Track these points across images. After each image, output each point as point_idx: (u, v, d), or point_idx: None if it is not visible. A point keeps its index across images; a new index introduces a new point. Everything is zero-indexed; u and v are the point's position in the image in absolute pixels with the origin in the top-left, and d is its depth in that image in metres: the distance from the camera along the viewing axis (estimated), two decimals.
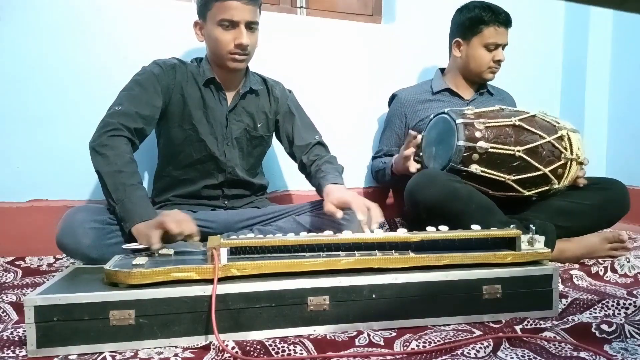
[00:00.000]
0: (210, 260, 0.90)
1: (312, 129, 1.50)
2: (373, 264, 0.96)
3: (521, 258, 1.02)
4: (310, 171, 1.41)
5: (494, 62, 1.69)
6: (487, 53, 1.68)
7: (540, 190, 1.43)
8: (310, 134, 1.47)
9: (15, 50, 1.51)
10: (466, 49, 1.70)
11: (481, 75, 1.72)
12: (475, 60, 1.70)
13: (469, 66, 1.72)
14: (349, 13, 2.01)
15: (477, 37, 1.67)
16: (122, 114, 1.22)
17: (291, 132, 1.47)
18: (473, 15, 1.67)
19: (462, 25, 1.70)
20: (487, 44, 1.67)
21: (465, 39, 1.70)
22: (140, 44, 1.62)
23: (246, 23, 1.28)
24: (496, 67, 1.71)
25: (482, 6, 1.67)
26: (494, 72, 1.73)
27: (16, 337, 0.87)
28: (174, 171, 1.40)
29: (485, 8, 1.66)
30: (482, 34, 1.66)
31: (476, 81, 1.77)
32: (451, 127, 1.39)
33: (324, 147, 1.47)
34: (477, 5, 1.68)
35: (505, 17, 1.66)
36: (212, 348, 0.84)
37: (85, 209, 1.19)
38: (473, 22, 1.67)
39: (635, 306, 1.00)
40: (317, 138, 1.46)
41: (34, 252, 1.50)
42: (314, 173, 1.39)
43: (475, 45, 1.68)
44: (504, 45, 1.69)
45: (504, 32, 1.67)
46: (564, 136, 1.42)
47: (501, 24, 1.65)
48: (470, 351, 0.83)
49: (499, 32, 1.66)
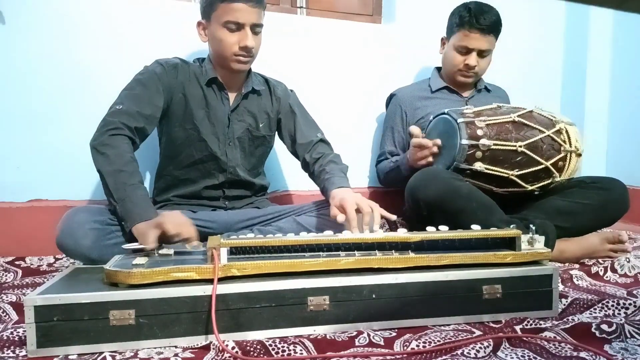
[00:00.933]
0: (211, 260, 0.90)
1: (314, 126, 1.49)
2: (373, 264, 0.96)
3: (521, 258, 1.02)
4: (313, 170, 1.40)
5: (465, 66, 1.64)
6: (457, 55, 1.64)
7: (543, 184, 1.44)
8: (312, 132, 1.46)
9: (15, 50, 1.51)
10: (445, 48, 1.71)
11: (453, 77, 1.70)
12: (446, 60, 1.70)
13: (444, 64, 1.73)
14: (348, 13, 2.01)
15: (453, 38, 1.66)
16: (123, 113, 1.22)
17: (293, 130, 1.47)
18: (455, 14, 1.65)
19: (448, 23, 1.70)
20: (457, 46, 1.63)
21: (447, 38, 1.71)
22: (142, 44, 1.62)
23: (251, 25, 1.29)
24: (466, 72, 1.65)
25: (467, 7, 1.61)
26: (465, 77, 1.67)
27: (16, 337, 0.87)
28: (175, 171, 1.40)
29: (468, 9, 1.59)
30: (455, 35, 1.64)
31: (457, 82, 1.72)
32: (453, 126, 1.40)
33: (327, 145, 1.46)
34: (467, 5, 1.62)
35: (484, 23, 1.57)
36: (212, 348, 0.84)
37: (85, 210, 1.19)
38: (452, 22, 1.66)
39: (635, 306, 1.00)
40: (320, 135, 1.46)
41: (34, 252, 1.50)
42: (317, 173, 1.37)
43: (449, 45, 1.68)
44: (480, 50, 1.61)
45: (479, 37, 1.59)
46: (562, 129, 1.44)
47: (475, 29, 1.57)
48: (470, 351, 0.83)
49: (472, 37, 1.59)
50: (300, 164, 1.47)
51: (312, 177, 1.43)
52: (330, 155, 1.41)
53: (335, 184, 1.28)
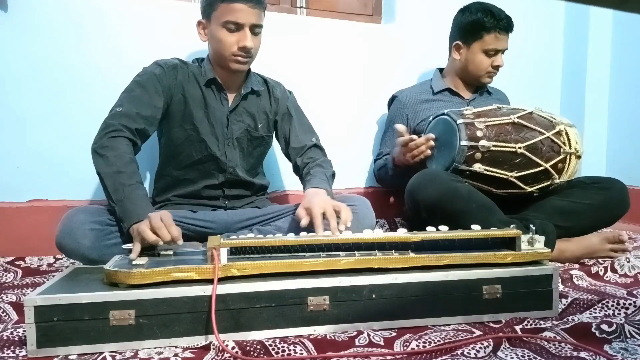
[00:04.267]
0: (210, 260, 0.90)
1: (309, 131, 1.50)
2: (373, 264, 0.96)
3: (521, 258, 1.02)
4: (302, 174, 1.42)
5: (493, 67, 1.69)
6: (486, 58, 1.68)
7: (542, 185, 1.44)
8: (307, 136, 1.47)
9: (15, 51, 1.51)
10: (466, 53, 1.70)
11: (479, 80, 1.73)
12: (474, 65, 1.70)
13: (467, 69, 1.72)
14: (349, 13, 2.01)
15: (478, 43, 1.66)
16: (123, 115, 1.22)
17: (288, 133, 1.47)
18: (475, 20, 1.65)
19: (464, 29, 1.69)
20: (487, 49, 1.66)
21: (466, 43, 1.69)
22: (141, 44, 1.62)
23: (251, 26, 1.29)
24: (494, 72, 1.72)
25: (484, 10, 1.65)
26: (492, 77, 1.73)
27: (16, 337, 0.87)
28: (174, 171, 1.40)
29: (487, 13, 1.64)
30: (483, 39, 1.65)
31: (473, 84, 1.78)
32: (452, 127, 1.40)
33: (320, 150, 1.47)
34: (479, 9, 1.66)
35: (506, 23, 1.64)
36: (212, 348, 0.84)
37: (85, 210, 1.19)
38: (474, 27, 1.66)
39: (635, 306, 1.00)
40: (314, 140, 1.47)
41: (34, 252, 1.50)
42: (304, 176, 1.39)
43: (476, 50, 1.68)
44: (503, 50, 1.69)
45: (505, 38, 1.66)
46: (562, 131, 1.44)
47: (502, 30, 1.64)
48: (470, 351, 0.83)
49: (500, 38, 1.64)
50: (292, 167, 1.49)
51: (300, 180, 1.44)
52: (319, 160, 1.42)
53: (312, 183, 1.29)
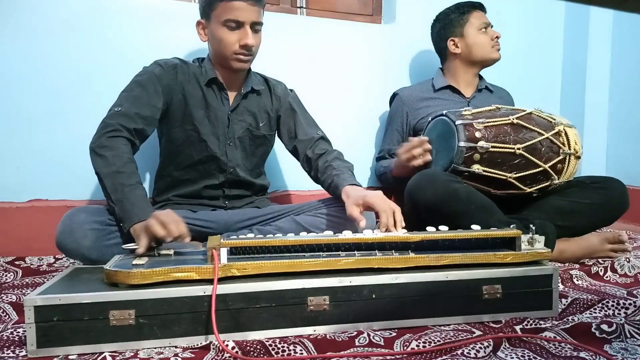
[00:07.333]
0: (210, 260, 0.90)
1: (314, 125, 1.49)
2: (373, 264, 0.96)
3: (521, 258, 1.02)
4: (317, 166, 1.38)
5: (493, 40, 1.75)
6: (484, 35, 1.74)
7: (541, 186, 1.44)
8: (313, 129, 1.46)
9: (15, 50, 1.51)
10: (464, 41, 1.74)
11: (489, 57, 1.76)
12: (477, 46, 1.74)
13: (473, 55, 1.75)
14: (348, 13, 2.01)
15: (468, 26, 1.74)
16: (122, 115, 1.22)
17: (293, 127, 1.46)
18: (453, 11, 1.77)
19: (450, 25, 1.76)
20: (479, 26, 1.73)
21: (457, 34, 1.75)
22: (141, 44, 1.62)
23: (251, 24, 1.29)
24: (497, 44, 1.77)
25: (453, 5, 1.78)
26: (499, 49, 1.78)
27: (16, 337, 0.87)
28: (174, 171, 1.40)
29: (457, 4, 1.78)
30: (470, 21, 1.74)
31: (485, 66, 1.81)
32: (450, 128, 1.40)
33: (328, 142, 1.45)
34: (449, 7, 1.78)
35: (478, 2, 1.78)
36: (212, 348, 0.84)
37: (85, 210, 1.19)
38: (458, 16, 1.75)
39: (635, 306, 1.00)
40: (320, 133, 1.45)
41: (34, 252, 1.50)
42: (323, 169, 1.36)
43: (471, 33, 1.74)
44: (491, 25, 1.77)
45: (484, 14, 1.78)
46: (561, 132, 1.44)
47: (479, 8, 1.76)
48: (470, 351, 0.83)
49: (482, 15, 1.76)
50: (300, 163, 1.46)
51: (314, 173, 1.41)
52: (334, 152, 1.40)
53: (347, 180, 1.27)
